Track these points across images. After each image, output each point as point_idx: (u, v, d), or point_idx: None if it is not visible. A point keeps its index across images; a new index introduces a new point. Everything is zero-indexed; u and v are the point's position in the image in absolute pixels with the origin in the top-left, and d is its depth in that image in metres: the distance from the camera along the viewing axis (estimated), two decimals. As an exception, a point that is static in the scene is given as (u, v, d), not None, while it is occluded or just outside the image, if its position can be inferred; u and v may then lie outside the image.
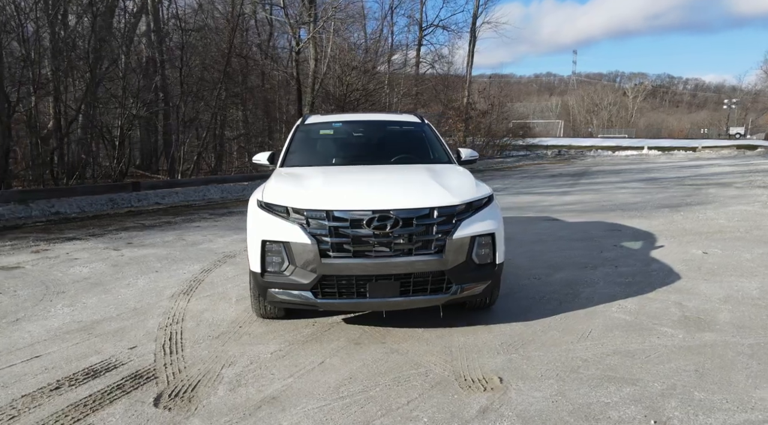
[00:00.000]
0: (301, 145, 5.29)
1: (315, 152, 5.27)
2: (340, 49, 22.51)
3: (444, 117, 33.43)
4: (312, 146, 5.31)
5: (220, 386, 3.19)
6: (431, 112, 33.81)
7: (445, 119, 33.49)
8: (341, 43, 22.54)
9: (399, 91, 28.26)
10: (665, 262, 6.10)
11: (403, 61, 32.10)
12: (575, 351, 3.63)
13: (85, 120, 16.06)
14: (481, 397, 3.00)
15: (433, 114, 33.34)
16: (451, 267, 3.74)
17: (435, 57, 35.96)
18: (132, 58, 17.94)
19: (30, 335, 4.07)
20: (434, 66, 36.45)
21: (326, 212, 3.68)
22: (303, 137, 5.39)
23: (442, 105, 34.02)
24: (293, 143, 5.26)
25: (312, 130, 5.51)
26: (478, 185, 4.18)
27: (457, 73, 37.90)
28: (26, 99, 15.11)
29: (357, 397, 3.02)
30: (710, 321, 4.17)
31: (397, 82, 28.68)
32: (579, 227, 8.62)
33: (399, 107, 28.12)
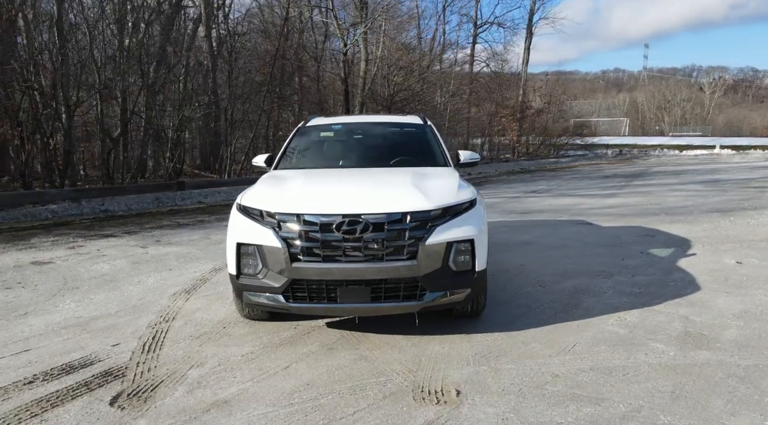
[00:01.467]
0: (298, 147, 5.32)
1: (310, 154, 5.28)
2: (388, 49, 22.49)
3: (496, 116, 32.81)
4: (309, 149, 5.33)
5: (180, 387, 3.24)
6: (484, 111, 33.30)
7: (497, 118, 32.86)
8: (390, 43, 22.50)
9: (448, 90, 27.93)
10: (690, 272, 5.73)
11: (454, 59, 31.72)
12: (550, 365, 3.46)
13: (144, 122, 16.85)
14: (431, 410, 2.91)
15: (485, 113, 32.83)
16: (424, 274, 3.65)
17: (489, 55, 35.32)
18: (190, 62, 18.69)
19: (30, 328, 4.29)
20: (488, 64, 35.83)
21: (297, 215, 3.68)
22: (301, 140, 5.42)
23: (495, 104, 33.37)
24: (290, 145, 5.30)
25: (312, 132, 5.53)
26: (461, 190, 4.04)
27: (512, 71, 37.07)
28: (86, 102, 16.03)
29: (306, 405, 2.99)
30: (713, 338, 3.88)
31: (446, 82, 28.36)
32: (610, 232, 8.23)
33: (449, 107, 27.85)
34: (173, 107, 17.30)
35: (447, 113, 27.56)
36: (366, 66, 22.50)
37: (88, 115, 17.45)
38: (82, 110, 16.09)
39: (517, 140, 34.45)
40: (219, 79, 18.00)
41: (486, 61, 35.46)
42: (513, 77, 36.50)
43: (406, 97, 22.36)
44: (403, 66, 21.81)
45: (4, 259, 6.89)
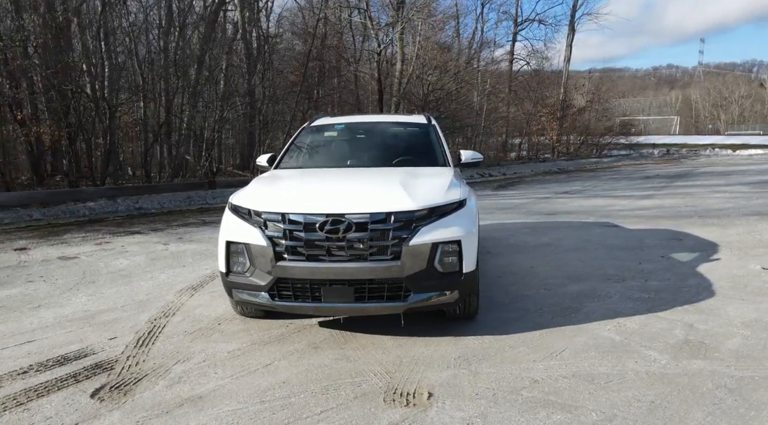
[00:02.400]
0: (300, 147, 5.37)
1: (311, 154, 5.32)
2: (423, 48, 22.41)
3: (536, 115, 32.22)
4: (310, 148, 5.37)
5: (162, 382, 3.32)
6: (523, 110, 32.75)
7: (537, 117, 32.27)
8: (425, 43, 22.41)
9: (485, 89, 27.60)
10: (708, 277, 5.49)
11: (490, 58, 31.30)
12: (532, 370, 3.38)
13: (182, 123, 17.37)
14: (397, 413, 2.89)
15: (524, 113, 32.29)
16: (408, 275, 3.62)
17: (530, 53, 34.71)
18: (230, 64, 19.14)
19: (39, 321, 4.48)
20: (529, 62, 35.22)
21: (282, 215, 3.71)
22: (304, 139, 5.47)
23: (534, 103, 32.78)
24: (292, 145, 5.36)
25: (316, 132, 5.57)
26: (450, 190, 3.99)
27: (553, 69, 36.33)
28: (126, 104, 16.64)
29: (276, 403, 3.02)
30: (713, 347, 3.70)
31: (483, 81, 28.03)
32: (635, 235, 7.97)
33: (485, 106, 27.52)
34: (208, 108, 17.73)
35: (483, 112, 27.23)
36: (402, 66, 22.50)
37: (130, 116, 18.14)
38: (123, 111, 16.71)
39: (557, 140, 33.76)
40: (255, 79, 18.32)
41: (526, 59, 34.90)
42: (554, 75, 35.78)
43: (440, 97, 22.23)
44: (437, 65, 21.67)
45: (35, 254, 7.21)
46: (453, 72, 22.77)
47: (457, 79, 23.25)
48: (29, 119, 14.17)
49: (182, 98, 17.53)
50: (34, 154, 14.85)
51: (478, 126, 26.85)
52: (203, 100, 17.99)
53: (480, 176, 21.15)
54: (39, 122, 14.46)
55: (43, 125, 14.29)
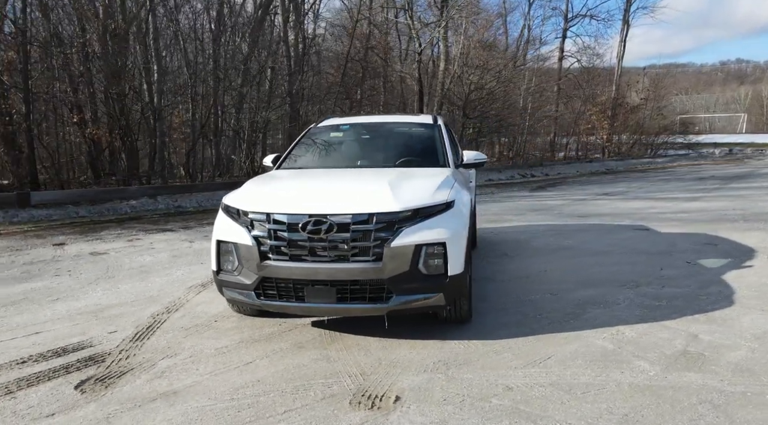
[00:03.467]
0: (304, 147, 5.41)
1: (313, 154, 5.35)
2: (466, 47, 22.16)
3: (585, 114, 31.30)
4: (312, 149, 5.40)
5: (144, 376, 3.43)
6: (572, 109, 31.89)
7: (587, 116, 31.34)
8: (469, 42, 22.16)
9: (530, 88, 27.02)
10: (733, 285, 5.20)
11: (536, 55, 30.59)
12: (510, 377, 3.29)
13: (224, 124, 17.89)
14: (358, 415, 2.87)
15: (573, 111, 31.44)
16: (390, 276, 3.60)
17: (580, 50, 33.72)
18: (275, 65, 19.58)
19: (52, 313, 4.71)
20: (580, 60, 34.23)
21: (267, 214, 3.76)
22: (309, 140, 5.51)
23: (583, 101, 31.83)
24: (297, 145, 5.41)
25: (321, 132, 5.60)
26: (438, 191, 3.93)
27: (605, 65, 35.18)
28: (172, 106, 17.25)
29: (244, 401, 3.06)
30: (712, 359, 3.50)
31: (529, 79, 27.45)
32: (666, 239, 7.62)
33: (530, 105, 26.95)
34: (252, 109, 18.15)
35: (528, 111, 26.68)
36: (445, 66, 22.35)
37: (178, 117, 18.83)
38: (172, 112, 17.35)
39: (607, 139, 32.66)
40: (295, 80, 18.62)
41: (576, 56, 33.92)
42: (605, 72, 34.64)
43: (482, 97, 21.93)
44: (478, 65, 21.38)
45: (70, 249, 7.58)
46: (496, 71, 22.38)
47: (501, 78, 22.85)
48: (87, 121, 14.95)
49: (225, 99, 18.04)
50: (92, 154, 15.63)
51: (521, 126, 26.33)
52: (247, 102, 18.42)
53: (521, 176, 20.75)
54: (96, 124, 15.19)
55: (98, 126, 15.01)
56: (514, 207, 11.58)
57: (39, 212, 11.10)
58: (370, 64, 22.53)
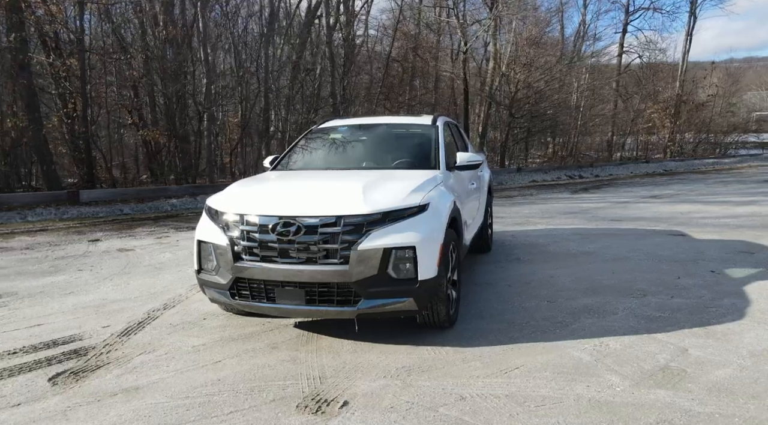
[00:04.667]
0: (300, 149, 5.45)
1: (307, 156, 5.37)
2: (515, 44, 21.70)
3: (644, 112, 29.96)
4: (309, 150, 5.42)
5: (116, 371, 3.56)
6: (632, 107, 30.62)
7: (647, 114, 30.00)
8: (515, 38, 21.69)
9: (583, 85, 26.12)
10: (751, 297, 4.86)
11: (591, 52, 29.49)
12: (467, 386, 3.20)
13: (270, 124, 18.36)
14: (299, 420, 2.88)
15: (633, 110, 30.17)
16: (357, 280, 3.58)
17: (642, 44, 32.29)
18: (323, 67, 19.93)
19: (60, 306, 4.96)
20: (641, 55, 32.79)
21: (240, 215, 3.82)
22: (308, 141, 5.55)
23: (643, 98, 30.47)
24: (294, 146, 5.46)
25: (320, 134, 5.63)
26: (412, 194, 3.86)
27: (670, 61, 33.55)
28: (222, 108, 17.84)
29: (197, 400, 3.12)
30: (693, 376, 3.28)
31: (581, 75, 26.54)
32: (697, 246, 7.19)
33: (582, 103, 26.06)
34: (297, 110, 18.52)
35: (580, 110, 25.82)
36: (494, 65, 21.98)
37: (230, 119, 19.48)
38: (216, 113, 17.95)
39: (669, 139, 31.14)
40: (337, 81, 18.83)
41: (637, 52, 32.52)
42: (669, 68, 33.04)
43: (528, 95, 21.41)
44: (526, 63, 20.87)
45: (103, 245, 7.97)
46: (545, 68, 21.77)
47: (551, 75, 22.22)
48: (143, 123, 15.72)
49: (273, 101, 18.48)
50: (151, 154, 16.39)
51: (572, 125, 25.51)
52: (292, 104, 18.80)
53: (569, 177, 20.11)
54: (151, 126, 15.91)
55: (155, 129, 15.72)
56: (547, 210, 11.24)
57: (87, 210, 11.74)
58: (418, 64, 22.45)
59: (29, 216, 10.91)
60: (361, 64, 21.77)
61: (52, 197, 12.17)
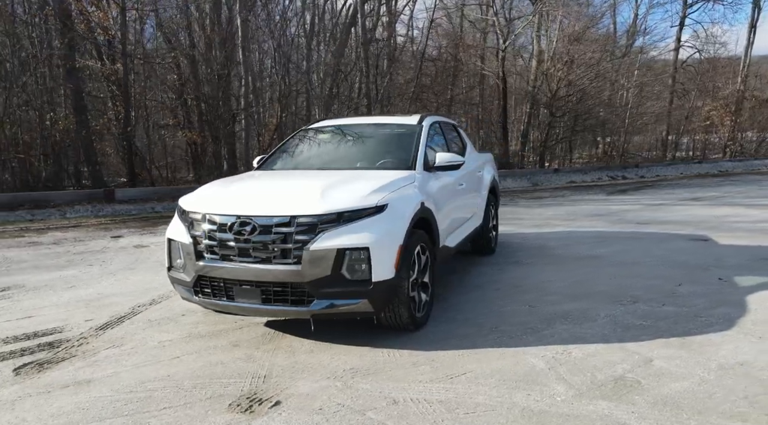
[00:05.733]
0: (286, 149, 5.50)
1: (292, 156, 5.39)
2: (560, 41, 21.11)
3: (701, 109, 28.52)
4: (294, 151, 5.45)
5: (79, 364, 3.69)
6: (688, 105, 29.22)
7: (705, 111, 28.55)
8: (560, 34, 21.10)
9: (632, 82, 25.12)
10: (751, 307, 4.57)
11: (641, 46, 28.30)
12: (405, 391, 3.15)
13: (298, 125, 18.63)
14: (225, 418, 2.91)
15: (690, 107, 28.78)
16: (310, 280, 3.59)
17: (701, 39, 30.77)
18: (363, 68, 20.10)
19: (57, 299, 5.19)
20: (701, 50, 31.24)
21: (202, 215, 3.90)
22: (294, 141, 5.59)
23: (700, 94, 29.00)
24: (281, 147, 5.51)
25: (308, 134, 5.66)
26: (371, 195, 3.82)
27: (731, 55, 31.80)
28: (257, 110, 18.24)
29: (138, 395, 3.20)
30: (644, 388, 3.11)
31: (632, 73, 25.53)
32: (719, 252, 6.80)
33: (630, 101, 25.06)
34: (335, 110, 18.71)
35: (628, 108, 24.84)
36: (537, 63, 21.50)
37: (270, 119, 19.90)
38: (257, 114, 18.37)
39: (729, 137, 29.53)
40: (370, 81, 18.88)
41: (697, 46, 31.00)
42: (730, 63, 31.33)
43: (569, 94, 20.78)
44: (567, 60, 20.25)
45: (123, 241, 8.31)
46: (589, 65, 21.04)
47: (596, 72, 21.46)
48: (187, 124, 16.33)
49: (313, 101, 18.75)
50: (194, 154, 16.99)
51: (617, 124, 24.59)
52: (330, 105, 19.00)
53: (610, 178, 19.39)
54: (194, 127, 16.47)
55: (195, 129, 16.27)
56: (573, 212, 10.89)
57: (121, 208, 12.26)
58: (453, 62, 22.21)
59: (68, 213, 11.50)
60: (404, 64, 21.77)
61: (90, 195, 12.78)
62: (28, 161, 14.25)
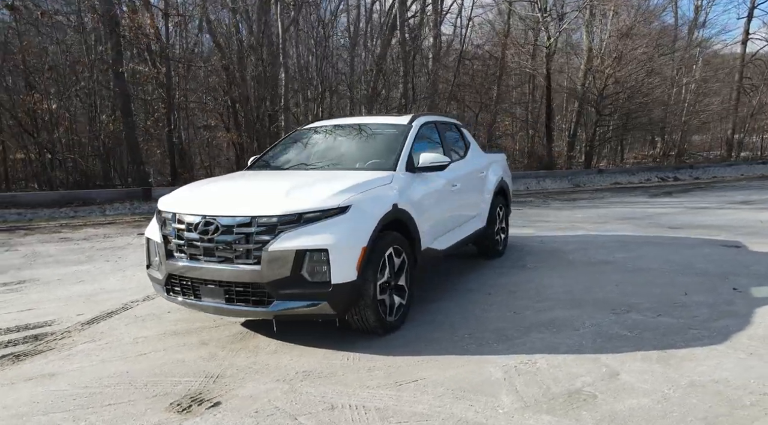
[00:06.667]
0: (278, 149, 5.51)
1: (277, 157, 5.38)
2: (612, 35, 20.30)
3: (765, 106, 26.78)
4: (284, 151, 5.44)
5: (52, 356, 3.82)
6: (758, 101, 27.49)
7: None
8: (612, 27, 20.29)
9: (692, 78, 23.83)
10: (755, 320, 4.24)
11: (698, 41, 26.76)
12: (348, 397, 3.09)
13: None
14: (159, 417, 2.93)
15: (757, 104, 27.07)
16: (269, 280, 3.58)
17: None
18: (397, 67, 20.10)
19: (62, 293, 5.41)
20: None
21: (172, 214, 3.96)
22: (286, 142, 5.60)
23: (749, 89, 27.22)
24: (274, 146, 5.53)
25: (299, 135, 5.66)
26: (335, 196, 3.75)
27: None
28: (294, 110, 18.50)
29: (91, 390, 3.26)
30: (596, 404, 2.91)
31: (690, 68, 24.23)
32: (745, 260, 6.35)
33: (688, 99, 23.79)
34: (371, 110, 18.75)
35: (685, 105, 23.59)
36: (586, 59, 20.78)
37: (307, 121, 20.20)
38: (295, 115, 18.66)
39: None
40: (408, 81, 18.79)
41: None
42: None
43: (617, 91, 19.93)
44: (617, 56, 19.42)
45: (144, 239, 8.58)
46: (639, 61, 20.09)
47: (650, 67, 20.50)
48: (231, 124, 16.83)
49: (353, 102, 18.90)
50: (238, 155, 17.47)
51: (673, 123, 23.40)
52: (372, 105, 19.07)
53: (660, 179, 18.48)
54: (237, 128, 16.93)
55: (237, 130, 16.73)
56: (604, 214, 10.44)
57: (158, 206, 12.69)
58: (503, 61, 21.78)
59: (107, 211, 12.03)
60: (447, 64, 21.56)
61: (129, 193, 13.33)
62: (80, 161, 15.05)
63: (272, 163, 5.29)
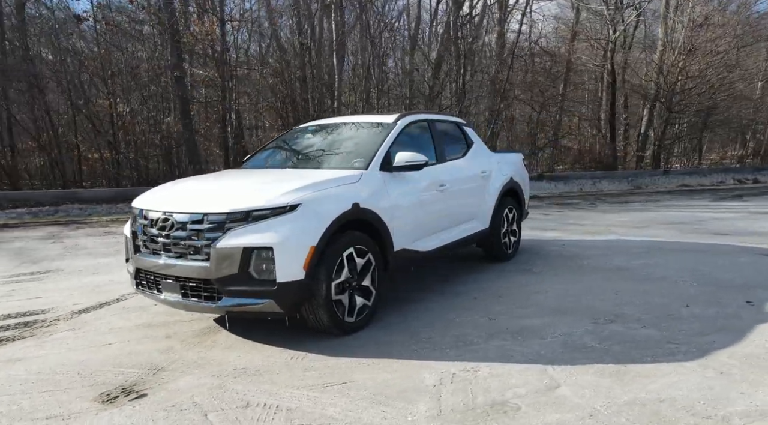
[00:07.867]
0: (269, 149, 5.56)
1: (265, 156, 5.43)
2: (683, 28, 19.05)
3: None
4: (273, 151, 5.48)
5: (29, 342, 4.06)
6: None
7: None
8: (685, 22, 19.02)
9: None
10: (750, 337, 3.84)
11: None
12: (272, 395, 3.07)
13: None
14: (81, 406, 3.02)
15: None
16: (217, 277, 3.64)
17: None
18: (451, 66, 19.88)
19: (72, 283, 5.76)
20: None
21: (139, 210, 4.10)
22: (277, 141, 5.64)
23: None
24: (266, 145, 5.59)
25: (293, 134, 5.68)
26: (285, 194, 3.74)
27: None
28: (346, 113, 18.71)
29: (40, 377, 3.39)
30: (518, 416, 2.74)
31: None
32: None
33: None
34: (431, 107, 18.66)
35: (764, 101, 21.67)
36: (660, 54, 19.63)
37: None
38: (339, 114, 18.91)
39: None
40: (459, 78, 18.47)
41: None
42: None
43: (690, 87, 18.59)
44: (691, 49, 18.14)
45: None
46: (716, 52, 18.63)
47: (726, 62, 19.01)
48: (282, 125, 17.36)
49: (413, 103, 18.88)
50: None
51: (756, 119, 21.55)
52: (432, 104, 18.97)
53: (736, 182, 17.07)
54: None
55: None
56: (650, 218, 9.79)
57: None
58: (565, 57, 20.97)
59: (159, 208, 12.66)
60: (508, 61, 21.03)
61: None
62: (143, 161, 16.01)
63: (257, 162, 5.37)
